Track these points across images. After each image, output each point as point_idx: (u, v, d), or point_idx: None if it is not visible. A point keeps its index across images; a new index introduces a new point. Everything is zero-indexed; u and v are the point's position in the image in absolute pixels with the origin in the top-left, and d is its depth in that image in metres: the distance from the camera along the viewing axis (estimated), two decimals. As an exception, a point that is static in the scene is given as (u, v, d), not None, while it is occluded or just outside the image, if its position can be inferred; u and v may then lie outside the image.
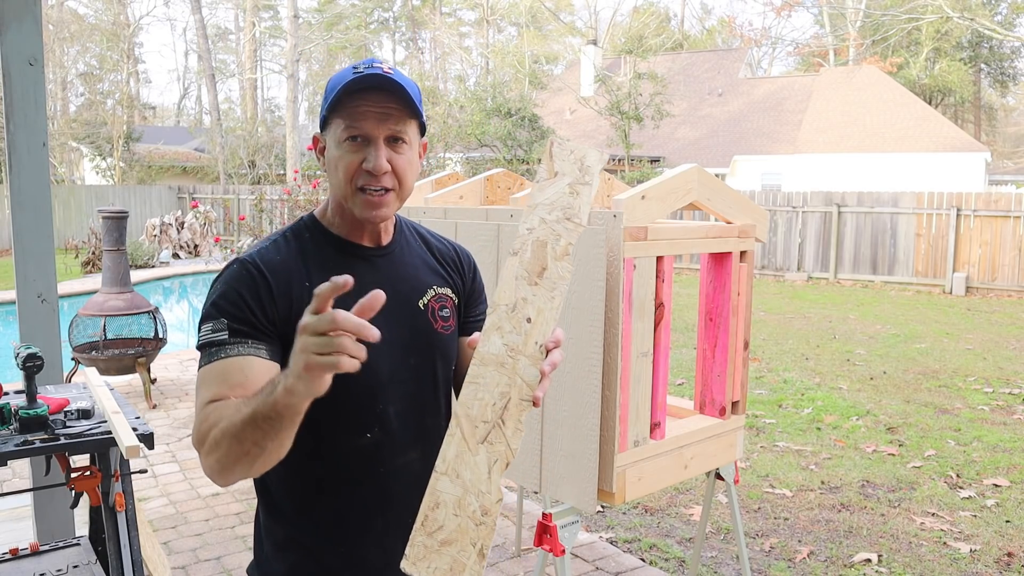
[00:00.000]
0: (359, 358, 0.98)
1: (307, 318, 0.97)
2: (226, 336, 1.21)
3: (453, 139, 19.21)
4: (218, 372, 1.20)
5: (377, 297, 0.98)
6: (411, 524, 1.13)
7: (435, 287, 1.42)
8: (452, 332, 1.43)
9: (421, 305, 1.38)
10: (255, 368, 1.20)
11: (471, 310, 1.50)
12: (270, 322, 1.24)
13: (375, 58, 1.33)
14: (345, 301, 1.25)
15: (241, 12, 37.20)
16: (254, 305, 1.24)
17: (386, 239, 1.39)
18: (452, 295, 1.45)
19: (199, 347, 1.24)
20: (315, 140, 1.36)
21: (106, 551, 2.47)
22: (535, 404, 1.13)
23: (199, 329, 1.25)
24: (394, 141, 1.28)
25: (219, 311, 1.23)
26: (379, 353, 1.28)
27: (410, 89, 1.28)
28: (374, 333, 0.97)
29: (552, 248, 1.20)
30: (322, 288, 0.96)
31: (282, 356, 1.22)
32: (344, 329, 0.95)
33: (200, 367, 1.23)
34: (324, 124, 1.31)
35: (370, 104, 1.25)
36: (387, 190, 1.28)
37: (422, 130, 1.35)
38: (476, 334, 1.18)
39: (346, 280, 0.96)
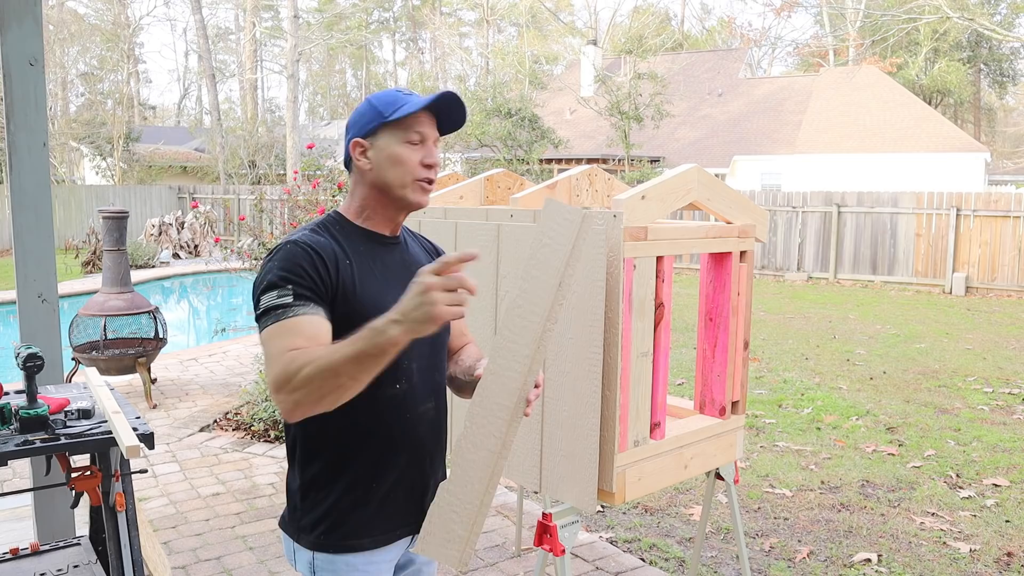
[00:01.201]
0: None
1: (435, 279, 1.23)
2: (291, 300, 1.45)
3: (453, 139, 19.21)
4: (290, 327, 1.42)
5: (472, 253, 1.26)
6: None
7: None
8: None
9: None
10: (321, 326, 1.45)
11: None
12: (325, 289, 1.49)
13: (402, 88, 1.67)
14: (372, 275, 1.59)
15: (241, 12, 37.20)
16: (313, 275, 1.48)
17: (399, 231, 1.69)
18: None
19: (263, 312, 1.46)
20: (354, 144, 1.61)
21: (106, 551, 2.47)
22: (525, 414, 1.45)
23: (260, 299, 1.48)
24: (435, 146, 1.62)
25: (284, 280, 1.47)
26: None
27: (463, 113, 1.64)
28: (475, 287, 1.27)
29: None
30: (450, 257, 1.24)
31: (330, 318, 1.49)
32: (464, 288, 1.25)
33: (266, 326, 1.45)
34: (373, 132, 1.59)
35: (427, 116, 1.59)
36: (431, 181, 1.61)
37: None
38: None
39: (474, 254, 1.25)
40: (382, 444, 1.60)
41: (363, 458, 1.59)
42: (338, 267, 1.52)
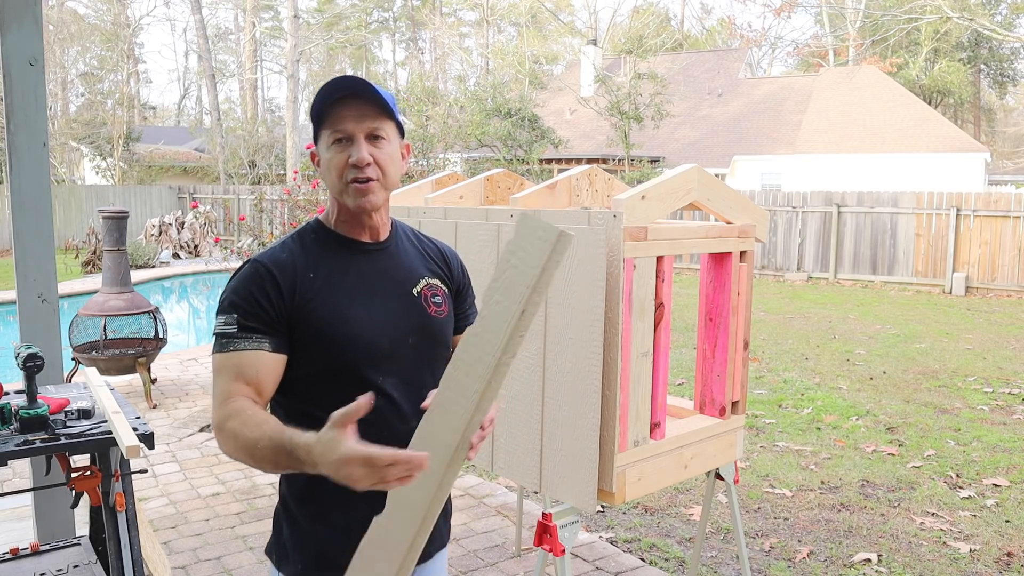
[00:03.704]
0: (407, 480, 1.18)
1: (344, 452, 1.15)
2: (235, 330, 1.42)
3: (453, 139, 19.19)
4: (233, 364, 1.41)
5: (361, 406, 1.17)
6: None
7: (426, 277, 1.61)
8: (446, 316, 1.62)
9: (415, 292, 1.58)
10: (263, 363, 1.42)
11: (460, 303, 1.71)
12: (277, 314, 1.44)
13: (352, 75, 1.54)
14: (340, 287, 1.50)
15: (241, 12, 37.20)
16: (263, 301, 1.44)
17: (383, 235, 1.58)
18: (441, 285, 1.64)
19: (214, 334, 1.46)
20: (312, 155, 1.55)
21: (106, 551, 2.47)
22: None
23: (216, 318, 1.47)
24: (374, 138, 1.47)
25: (232, 307, 1.44)
26: (380, 331, 1.50)
27: (382, 93, 1.47)
28: (424, 465, 1.16)
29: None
30: (339, 414, 1.16)
31: (287, 340, 1.45)
32: (401, 465, 1.15)
33: (213, 351, 1.45)
34: (316, 138, 1.52)
35: (349, 109, 1.46)
36: (371, 179, 1.47)
37: (401, 133, 1.55)
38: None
39: (358, 408, 1.16)
40: None
41: (336, 489, 1.45)
42: (295, 287, 1.46)
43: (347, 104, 1.45)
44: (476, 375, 1.25)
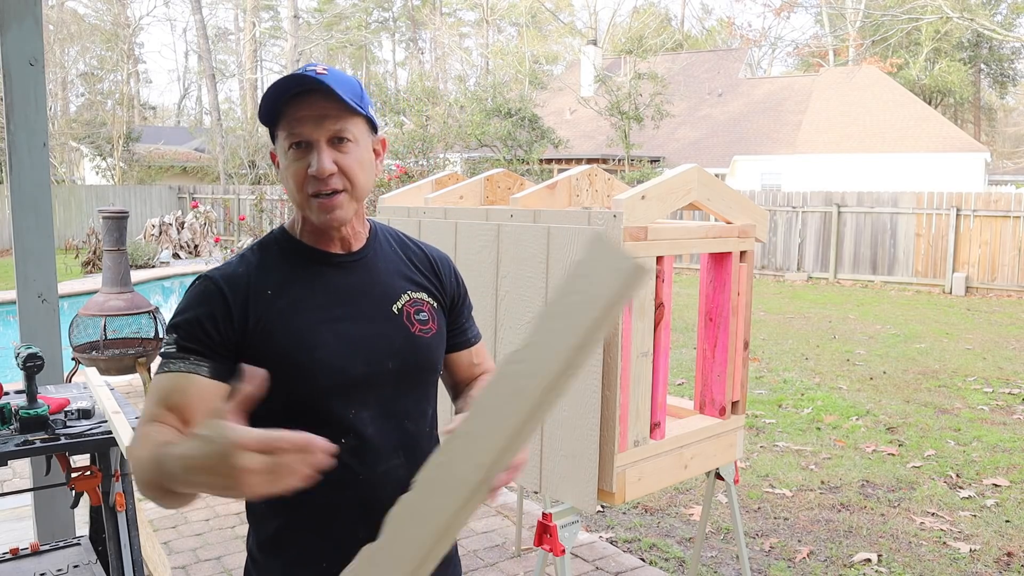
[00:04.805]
0: (306, 478, 0.93)
1: (236, 436, 0.90)
2: (174, 350, 1.25)
3: (453, 139, 19.20)
4: (162, 386, 1.24)
5: (255, 376, 0.95)
6: None
7: (409, 292, 1.40)
8: (433, 335, 1.41)
9: (395, 310, 1.37)
10: (194, 388, 1.23)
11: (456, 317, 1.50)
12: (223, 339, 1.26)
13: (315, 62, 1.37)
14: (304, 305, 1.31)
15: (241, 12, 37.22)
16: (207, 323, 1.25)
17: (357, 245, 1.37)
18: (429, 299, 1.42)
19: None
20: (272, 155, 1.34)
21: (106, 551, 2.47)
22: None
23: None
24: (338, 141, 1.26)
25: (174, 327, 1.28)
26: (352, 356, 1.29)
27: (343, 87, 1.25)
28: (323, 454, 0.92)
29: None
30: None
31: (232, 367, 1.25)
32: (290, 449, 0.91)
33: (155, 372, 1.30)
34: (273, 137, 1.31)
35: (307, 108, 1.24)
36: (337, 192, 1.27)
37: (374, 128, 1.33)
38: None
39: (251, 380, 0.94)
40: (328, 512, 1.29)
41: (308, 528, 1.30)
42: (247, 307, 1.27)
43: (304, 102, 1.24)
44: (514, 409, 1.04)
